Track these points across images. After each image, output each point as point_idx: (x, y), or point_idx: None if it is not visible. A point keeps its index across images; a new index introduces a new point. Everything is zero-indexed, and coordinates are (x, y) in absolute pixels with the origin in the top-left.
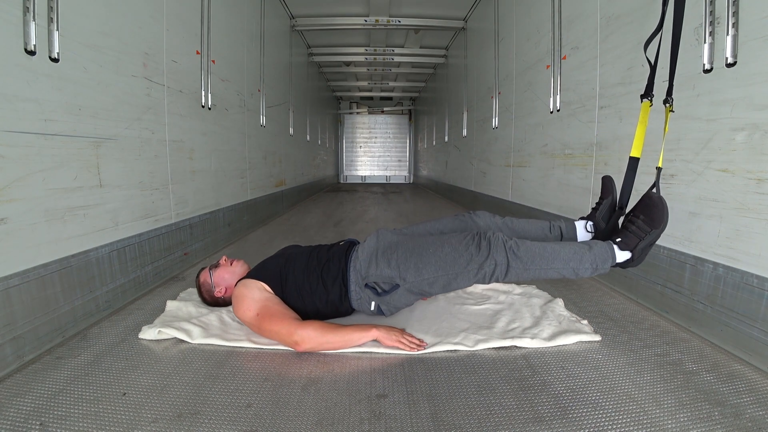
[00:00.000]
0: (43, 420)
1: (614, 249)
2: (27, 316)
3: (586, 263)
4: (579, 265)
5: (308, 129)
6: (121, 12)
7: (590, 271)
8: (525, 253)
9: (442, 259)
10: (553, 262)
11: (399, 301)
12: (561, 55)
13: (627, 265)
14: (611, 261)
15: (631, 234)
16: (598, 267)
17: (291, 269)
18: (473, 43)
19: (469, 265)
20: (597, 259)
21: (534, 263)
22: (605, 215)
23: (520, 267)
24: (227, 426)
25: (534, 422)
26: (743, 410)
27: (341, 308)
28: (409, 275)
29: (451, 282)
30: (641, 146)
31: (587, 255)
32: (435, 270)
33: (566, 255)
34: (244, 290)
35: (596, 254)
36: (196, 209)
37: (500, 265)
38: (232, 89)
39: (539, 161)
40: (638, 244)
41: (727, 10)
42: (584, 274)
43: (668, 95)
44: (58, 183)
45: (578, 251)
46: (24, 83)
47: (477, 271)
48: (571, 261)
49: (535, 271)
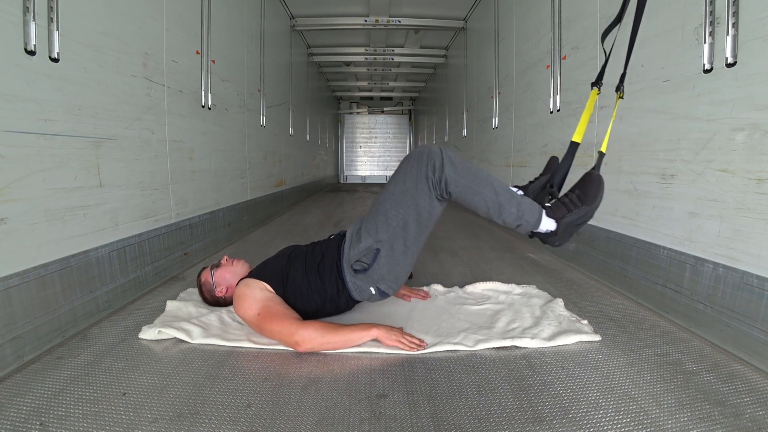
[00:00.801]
0: (43, 420)
1: (542, 212)
2: (27, 316)
3: (513, 207)
4: (506, 202)
5: (308, 129)
6: (121, 12)
7: (514, 217)
8: (460, 165)
9: (396, 195)
10: (483, 186)
11: (389, 269)
12: (561, 55)
13: (549, 239)
14: (536, 219)
15: (562, 205)
16: (522, 216)
17: (292, 269)
18: (473, 43)
19: (418, 184)
20: (523, 206)
21: (466, 177)
22: (536, 191)
23: (452, 174)
24: (227, 426)
25: (534, 422)
26: (743, 410)
27: (341, 303)
28: (381, 233)
29: (419, 212)
30: (583, 132)
31: (516, 198)
32: (396, 210)
33: (498, 187)
34: (245, 289)
35: (526, 204)
36: (196, 209)
37: (437, 169)
38: (232, 89)
39: (539, 161)
40: (566, 216)
41: (727, 10)
42: (508, 219)
43: (620, 83)
44: (58, 183)
45: (510, 192)
46: (24, 83)
47: (426, 184)
48: (501, 195)
49: (464, 186)
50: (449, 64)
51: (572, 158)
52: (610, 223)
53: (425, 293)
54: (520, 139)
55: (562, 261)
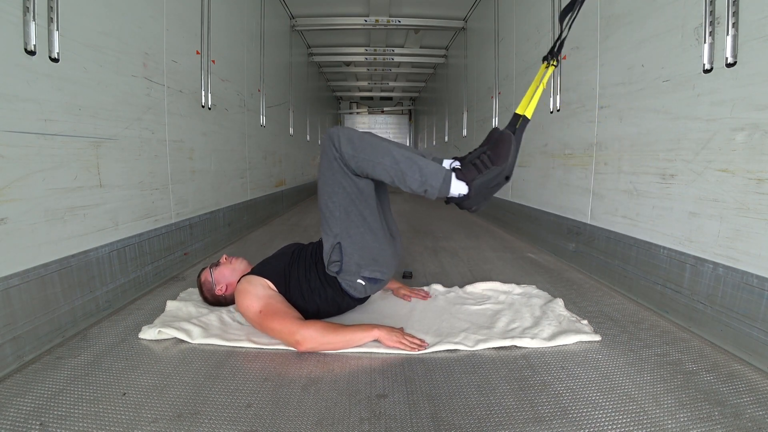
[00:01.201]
0: (43, 420)
1: (452, 176)
2: (27, 316)
3: (416, 173)
4: (408, 171)
5: (308, 129)
6: (121, 12)
7: (418, 183)
8: (359, 140)
9: (323, 188)
10: (382, 157)
11: (362, 254)
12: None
13: (464, 203)
14: (441, 182)
15: (472, 167)
16: (427, 182)
17: (294, 268)
18: (473, 43)
19: (332, 167)
20: (428, 173)
21: (364, 151)
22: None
23: (350, 150)
24: (227, 426)
25: (534, 422)
26: (743, 410)
27: (342, 303)
28: (333, 227)
29: (349, 193)
30: (527, 105)
31: (420, 165)
32: (331, 200)
33: (399, 156)
34: (247, 286)
35: (431, 169)
36: (196, 209)
37: (337, 148)
38: (232, 89)
39: (539, 161)
40: (476, 177)
41: (727, 10)
42: (412, 185)
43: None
44: (58, 183)
45: (411, 158)
46: (24, 83)
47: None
48: (402, 163)
49: (364, 160)
50: (449, 64)
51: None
52: (610, 223)
53: (425, 293)
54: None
55: (562, 261)
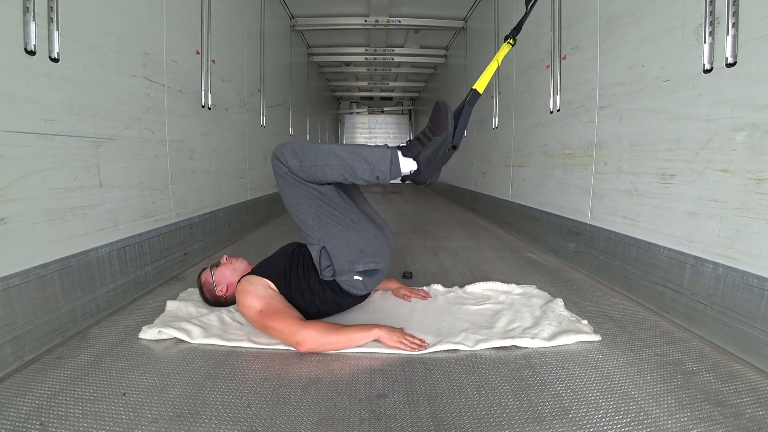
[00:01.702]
0: (43, 420)
1: (397, 155)
2: (27, 316)
3: (363, 163)
4: (355, 164)
5: (308, 129)
6: (121, 12)
7: (369, 172)
8: (302, 149)
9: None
10: (327, 158)
11: (349, 250)
12: (561, 55)
13: (417, 178)
14: (389, 164)
15: (416, 141)
16: (376, 168)
17: (294, 268)
18: (473, 43)
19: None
20: (374, 159)
21: (308, 158)
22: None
23: (295, 162)
24: (227, 426)
25: (534, 422)
26: (743, 410)
27: (343, 303)
28: (313, 236)
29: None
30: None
31: (364, 153)
32: (302, 212)
33: (342, 152)
34: (248, 286)
35: (375, 155)
36: (196, 209)
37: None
38: (232, 89)
39: (539, 161)
40: (422, 151)
41: (727, 10)
42: (364, 176)
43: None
44: (58, 183)
45: (356, 149)
46: (24, 83)
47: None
48: (347, 158)
49: (311, 167)
50: (449, 64)
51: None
52: (610, 223)
53: (425, 293)
54: (520, 139)
55: (562, 261)
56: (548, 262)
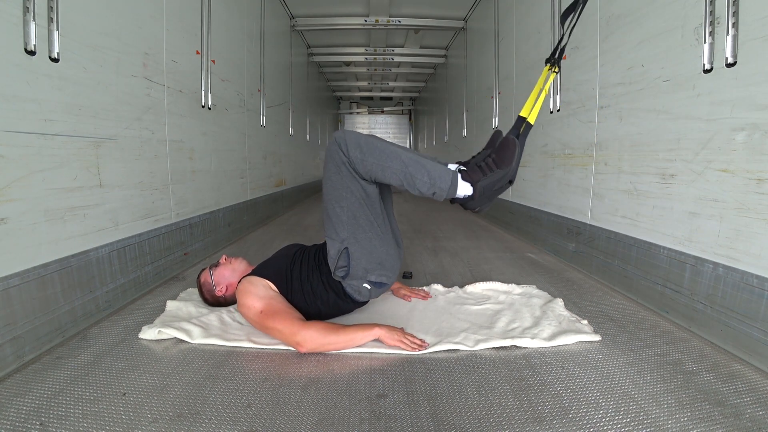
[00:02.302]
0: (43, 420)
1: (458, 177)
2: (27, 316)
3: (424, 176)
4: (416, 173)
5: (308, 129)
6: (121, 12)
7: (427, 185)
8: (366, 144)
9: (331, 192)
10: (391, 161)
11: (369, 258)
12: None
13: (468, 204)
14: (449, 184)
15: (477, 168)
16: (435, 184)
17: (296, 269)
18: (473, 43)
19: (340, 172)
20: (436, 175)
21: (372, 155)
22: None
23: (358, 154)
24: (227, 426)
25: (534, 422)
26: (743, 410)
27: (344, 307)
28: (340, 232)
29: (358, 198)
30: (530, 108)
31: (428, 166)
32: (339, 205)
33: (407, 159)
34: (249, 286)
35: (438, 171)
36: (196, 209)
37: (344, 152)
38: (232, 89)
39: (539, 161)
40: (481, 179)
41: (727, 10)
42: (422, 188)
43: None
44: (58, 183)
45: (420, 160)
46: (24, 83)
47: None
48: (410, 166)
49: (373, 164)
50: (449, 64)
51: (518, 132)
52: (610, 223)
53: (425, 293)
54: None
55: (562, 261)
56: (548, 262)
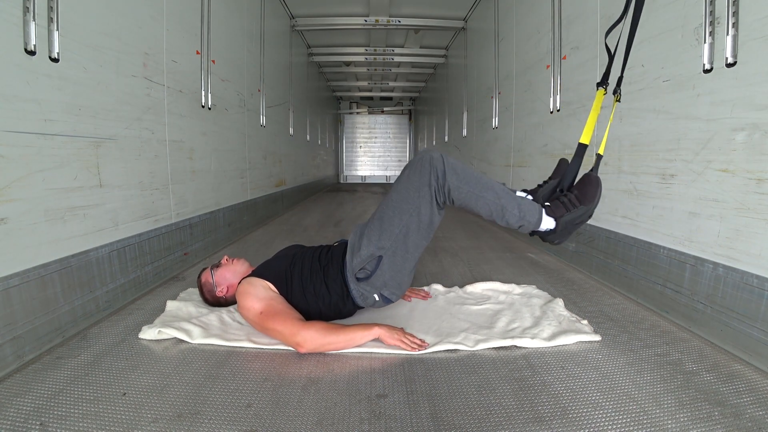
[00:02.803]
0: (43, 420)
1: (542, 211)
2: (27, 316)
3: (515, 208)
4: (508, 204)
5: (308, 129)
6: (121, 12)
7: (517, 218)
8: (462, 171)
9: (397, 203)
10: (485, 191)
11: (391, 275)
12: (561, 55)
13: (548, 237)
14: (537, 219)
15: (560, 204)
16: (524, 217)
17: (297, 270)
18: (473, 43)
19: (420, 191)
20: (524, 208)
21: (469, 183)
22: (546, 195)
23: (455, 181)
24: (227, 426)
25: (534, 422)
26: (743, 410)
27: (344, 310)
28: (383, 239)
29: (420, 219)
30: (591, 134)
31: (517, 200)
32: (399, 217)
33: (499, 191)
34: (248, 287)
35: (525, 203)
36: (196, 209)
37: (440, 176)
38: (232, 89)
39: (539, 161)
40: (564, 215)
41: (727, 10)
42: (510, 220)
43: (617, 86)
44: (58, 183)
45: (510, 194)
46: (24, 83)
47: (429, 191)
48: (502, 198)
49: (466, 193)
50: (449, 64)
51: (581, 160)
52: (610, 223)
53: (425, 293)
54: (520, 139)
55: (562, 261)
56: (548, 262)
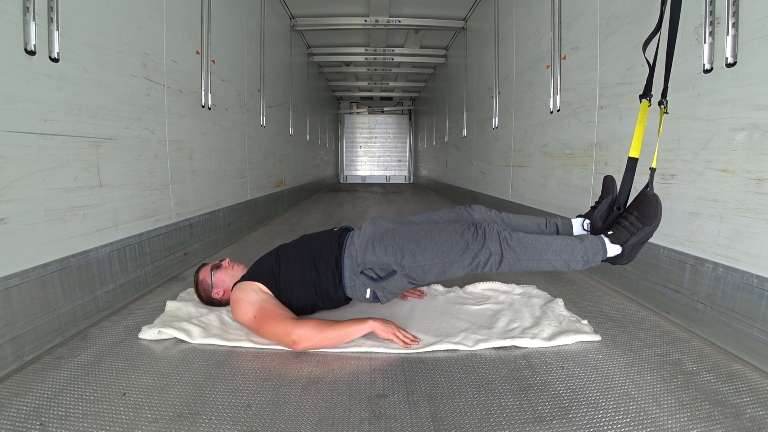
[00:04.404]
0: (43, 420)
1: (605, 242)
2: (27, 316)
3: (578, 255)
4: (570, 257)
5: (308, 129)
6: (121, 12)
7: (582, 263)
8: (517, 244)
9: (439, 246)
10: (545, 253)
11: (395, 287)
12: (561, 55)
13: (617, 261)
14: (602, 254)
15: (623, 229)
16: (589, 260)
17: (282, 265)
18: (473, 43)
19: (465, 253)
20: (588, 251)
21: (526, 253)
22: (603, 214)
23: (512, 257)
24: (227, 426)
25: (534, 422)
26: (743, 410)
27: (335, 296)
28: (406, 261)
29: (446, 270)
30: (640, 146)
31: (578, 247)
32: (432, 257)
33: (558, 247)
34: (240, 294)
35: (587, 247)
36: (196, 209)
37: (494, 254)
38: (232, 89)
39: (539, 161)
40: (629, 239)
41: (727, 10)
42: (576, 267)
43: (663, 97)
44: (58, 183)
45: (570, 243)
46: (24, 83)
47: (472, 260)
48: (563, 253)
49: (527, 261)
50: (449, 64)
51: (633, 174)
52: None
53: (421, 292)
54: (520, 139)
55: None
56: None
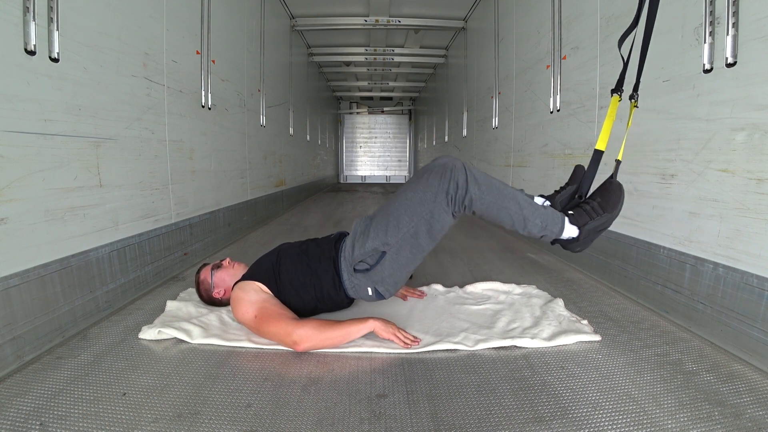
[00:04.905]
0: (43, 420)
1: (565, 220)
2: (27, 316)
3: (538, 219)
4: (530, 216)
5: (308, 129)
6: (121, 12)
7: (539, 228)
8: (484, 180)
9: (411, 203)
10: (508, 201)
11: (392, 273)
12: (561, 55)
13: (570, 245)
14: (560, 227)
15: (584, 212)
16: (547, 226)
17: (282, 265)
18: (473, 43)
19: (437, 197)
20: (548, 218)
21: (491, 193)
22: (564, 201)
23: (476, 192)
24: (227, 426)
25: (534, 422)
26: (743, 410)
27: (338, 299)
28: (390, 236)
29: (432, 224)
30: (607, 139)
31: (540, 210)
32: (410, 217)
33: (522, 201)
34: (240, 293)
35: (548, 214)
36: (196, 209)
37: (461, 187)
38: (232, 89)
39: (539, 161)
40: (588, 222)
41: (727, 10)
42: (532, 230)
43: (634, 91)
44: (58, 183)
45: (533, 204)
46: (24, 83)
47: (445, 198)
48: (525, 209)
49: (489, 204)
50: (449, 64)
51: (597, 166)
52: None
53: (421, 292)
54: (520, 139)
55: (562, 261)
56: (548, 262)
